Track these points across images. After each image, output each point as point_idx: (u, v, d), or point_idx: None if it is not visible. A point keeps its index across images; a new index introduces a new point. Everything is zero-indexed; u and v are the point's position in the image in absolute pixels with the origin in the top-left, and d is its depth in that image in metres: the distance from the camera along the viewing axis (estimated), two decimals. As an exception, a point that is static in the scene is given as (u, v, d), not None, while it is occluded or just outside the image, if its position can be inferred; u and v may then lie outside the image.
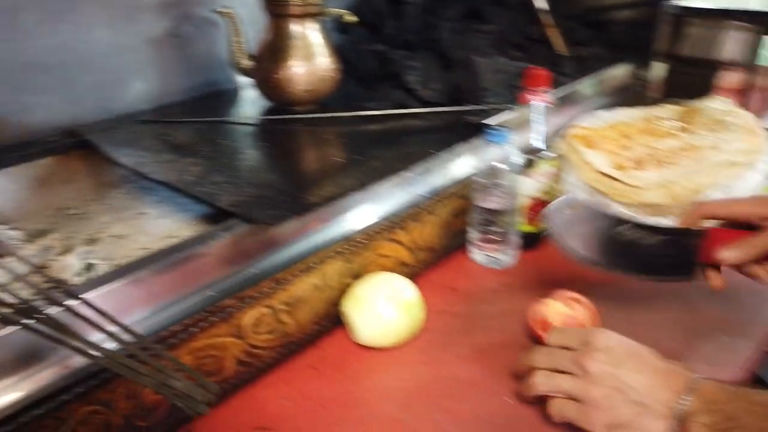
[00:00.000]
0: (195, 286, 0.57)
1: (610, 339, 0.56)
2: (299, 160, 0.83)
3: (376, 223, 0.72)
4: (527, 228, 0.87)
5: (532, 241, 0.89)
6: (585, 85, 1.09)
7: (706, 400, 0.48)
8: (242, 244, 0.60)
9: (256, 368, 0.64)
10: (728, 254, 0.59)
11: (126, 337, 0.47)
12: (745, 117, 0.89)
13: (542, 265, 0.86)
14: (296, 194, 0.69)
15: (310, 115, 0.94)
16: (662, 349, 0.66)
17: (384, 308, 0.67)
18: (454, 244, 0.86)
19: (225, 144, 0.85)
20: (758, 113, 1.29)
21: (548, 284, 0.81)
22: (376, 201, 0.74)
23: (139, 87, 0.98)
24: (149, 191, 0.80)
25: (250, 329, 0.61)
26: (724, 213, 0.62)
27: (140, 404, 0.53)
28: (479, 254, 0.86)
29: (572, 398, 0.54)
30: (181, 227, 0.70)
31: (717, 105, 0.93)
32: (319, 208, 0.67)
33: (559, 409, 0.55)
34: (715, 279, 0.63)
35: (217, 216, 0.65)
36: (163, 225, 0.72)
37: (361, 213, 0.72)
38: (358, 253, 0.71)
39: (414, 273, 0.81)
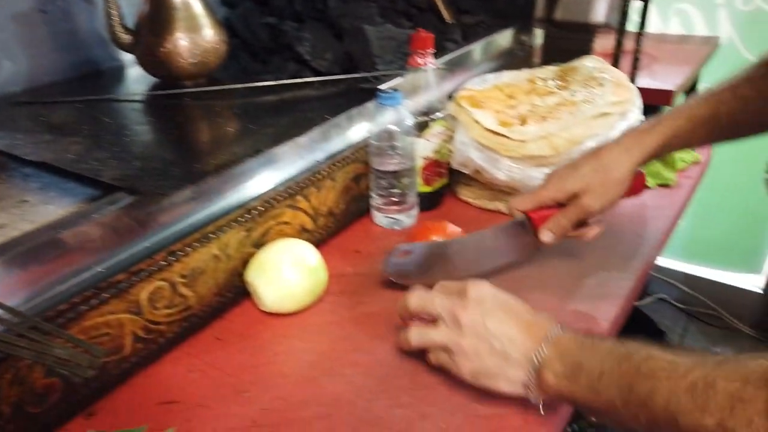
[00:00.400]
0: (80, 263, 0.55)
1: (482, 291, 0.58)
2: (190, 132, 0.81)
3: (273, 190, 0.71)
4: (425, 188, 0.90)
5: (430, 201, 0.92)
6: (472, 51, 1.13)
7: (559, 350, 0.51)
8: (130, 217, 0.58)
9: (159, 344, 0.63)
10: (546, 237, 0.71)
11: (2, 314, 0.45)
12: (615, 73, 0.96)
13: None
14: (187, 165, 0.67)
15: (200, 89, 0.92)
16: (549, 291, 0.72)
17: (288, 273, 0.67)
18: (356, 208, 0.88)
19: (109, 122, 0.81)
20: (628, 73, 1.39)
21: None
22: (272, 168, 0.73)
23: (8, 67, 0.91)
24: (29, 178, 0.74)
25: (148, 304, 0.60)
26: (533, 205, 0.71)
27: (30, 389, 0.51)
28: (381, 217, 0.88)
29: (445, 348, 0.57)
30: (68, 212, 0.67)
31: (590, 63, 0.99)
32: (212, 176, 0.65)
33: (435, 356, 0.58)
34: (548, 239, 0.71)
35: (104, 197, 0.63)
36: (46, 211, 0.67)
37: (258, 181, 0.71)
38: (258, 222, 0.70)
39: (317, 239, 0.81)
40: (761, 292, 2.05)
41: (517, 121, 0.88)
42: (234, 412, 0.57)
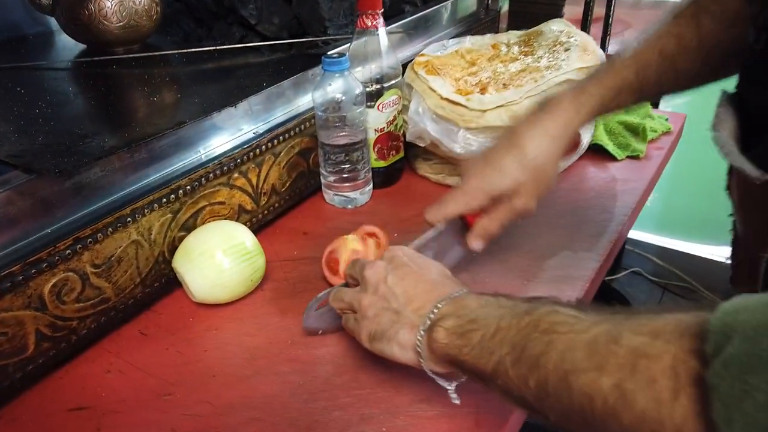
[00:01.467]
0: (-37, 253, 0.47)
1: (396, 250, 0.53)
2: (112, 103, 0.72)
3: (203, 167, 0.64)
4: (378, 163, 0.83)
5: (385, 176, 0.85)
6: (432, 15, 1.05)
7: (457, 306, 0.45)
8: (24, 199, 0.50)
9: (71, 342, 0.56)
10: (476, 245, 0.62)
11: None
12: (583, 37, 0.90)
13: (397, 200, 0.83)
14: (100, 139, 0.59)
15: (129, 56, 0.83)
16: (510, 275, 0.66)
17: (219, 260, 0.60)
18: (305, 186, 0.81)
19: (21, 91, 0.72)
20: (598, 40, 1.33)
21: (401, 220, 0.78)
22: (202, 141, 0.66)
23: None
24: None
25: (52, 299, 0.52)
26: (462, 211, 0.61)
27: None
28: (332, 195, 0.81)
29: (353, 309, 0.52)
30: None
31: (556, 27, 0.92)
32: (128, 152, 0.58)
33: (345, 320, 0.54)
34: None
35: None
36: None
37: (184, 156, 0.64)
38: (186, 202, 0.63)
39: (260, 220, 0.74)
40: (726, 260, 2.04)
41: (477, 90, 0.81)
42: (152, 419, 0.51)
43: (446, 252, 0.63)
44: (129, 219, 0.57)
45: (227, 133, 0.69)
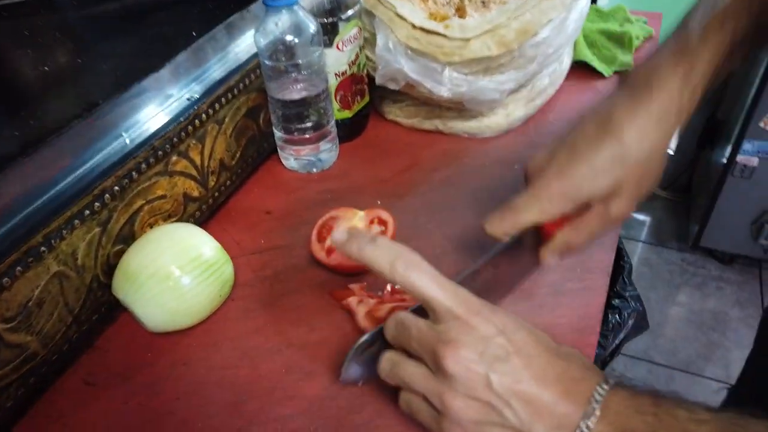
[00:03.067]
0: None
1: (481, 322, 0.36)
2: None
3: (131, 157, 0.48)
4: (343, 114, 0.69)
5: (351, 128, 0.72)
6: None
7: (618, 425, 0.33)
8: None
9: (-5, 419, 0.42)
10: (552, 261, 0.48)
11: None
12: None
13: (369, 155, 0.70)
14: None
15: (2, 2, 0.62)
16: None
17: (177, 281, 0.46)
18: (258, 152, 0.66)
19: None
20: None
21: (380, 181, 0.66)
22: (124, 123, 0.50)
23: None
24: None
25: (-45, 380, 0.38)
26: (536, 221, 0.46)
27: None
28: (292, 160, 0.67)
29: (425, 399, 0.37)
30: None
31: None
32: (25, 156, 0.42)
33: (408, 405, 0.39)
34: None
35: None
36: None
37: (105, 146, 0.48)
38: (118, 207, 0.48)
39: (211, 206, 0.60)
40: (671, 153, 2.05)
41: (453, 12, 0.67)
42: None
43: (515, 271, 0.50)
44: (43, 248, 0.42)
45: (154, 104, 0.52)
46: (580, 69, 0.82)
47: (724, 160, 1.54)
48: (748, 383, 0.75)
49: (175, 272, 0.46)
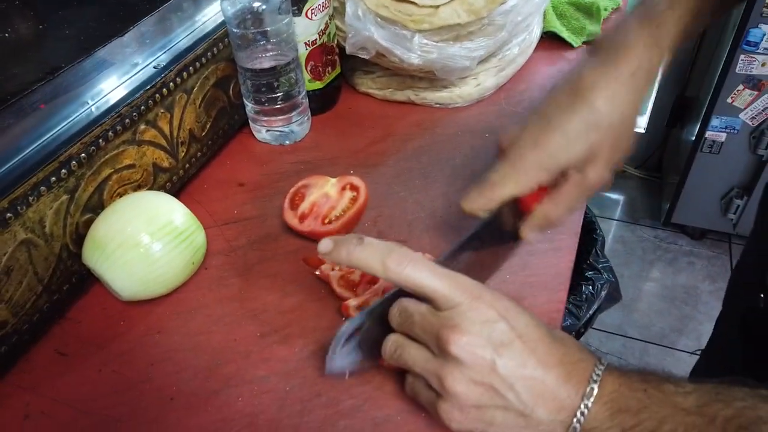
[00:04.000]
0: None
1: (485, 310, 0.36)
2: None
3: (97, 124, 0.48)
4: (314, 84, 0.69)
5: (323, 100, 0.71)
6: None
7: (611, 409, 0.34)
8: None
9: (-36, 391, 0.41)
10: (532, 236, 0.47)
11: None
12: None
13: (341, 127, 0.70)
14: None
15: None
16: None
17: (147, 248, 0.46)
18: (229, 124, 0.65)
19: None
20: None
21: (353, 152, 0.66)
22: (89, 90, 0.49)
23: None
24: None
25: None
26: (514, 194, 0.45)
27: None
28: (264, 132, 0.67)
29: (427, 385, 0.37)
30: None
31: None
32: (-15, 122, 0.41)
33: (411, 388, 0.39)
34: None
35: None
36: None
37: (71, 113, 0.47)
38: (86, 175, 0.47)
39: (182, 177, 0.59)
40: (643, 132, 2.08)
41: (422, -20, 0.67)
42: (102, 476, 0.39)
43: (496, 250, 0.49)
44: (9, 214, 0.41)
45: (119, 72, 0.52)
46: (550, 39, 0.82)
47: (693, 137, 1.57)
48: (717, 344, 0.77)
49: (145, 239, 0.46)
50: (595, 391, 0.34)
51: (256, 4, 0.57)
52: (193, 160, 0.60)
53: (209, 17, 0.61)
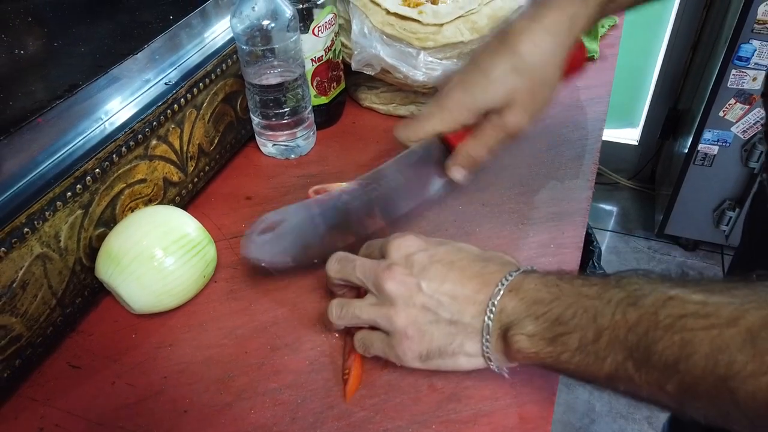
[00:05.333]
0: None
1: (407, 243, 0.43)
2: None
3: (111, 140, 0.49)
4: (319, 100, 0.70)
5: (328, 114, 0.72)
6: None
7: (523, 301, 0.38)
8: None
9: (-21, 403, 0.42)
10: (458, 175, 0.52)
11: None
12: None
13: (346, 141, 0.71)
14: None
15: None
16: (500, 220, 0.57)
17: (161, 262, 0.47)
18: (236, 139, 0.66)
19: None
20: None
21: (358, 165, 0.67)
22: (103, 107, 0.50)
23: None
24: None
25: (-60, 361, 0.38)
26: (440, 129, 0.50)
27: None
28: (270, 146, 0.68)
29: (377, 328, 0.42)
30: None
31: None
32: (5, 138, 0.41)
33: (362, 343, 0.44)
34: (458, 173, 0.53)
35: None
36: None
37: (85, 129, 0.48)
38: (99, 190, 0.48)
39: (191, 191, 0.60)
40: (637, 144, 2.11)
41: (426, -1, 0.68)
42: (119, 488, 0.39)
43: (423, 181, 0.53)
44: (26, 229, 0.42)
45: (132, 89, 0.53)
46: (549, 56, 0.84)
47: (686, 150, 1.59)
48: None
49: (159, 253, 0.47)
50: (501, 291, 0.39)
51: (265, 22, 0.58)
52: (202, 174, 0.61)
53: (218, 34, 0.62)
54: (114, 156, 0.49)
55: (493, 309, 0.38)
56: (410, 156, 0.51)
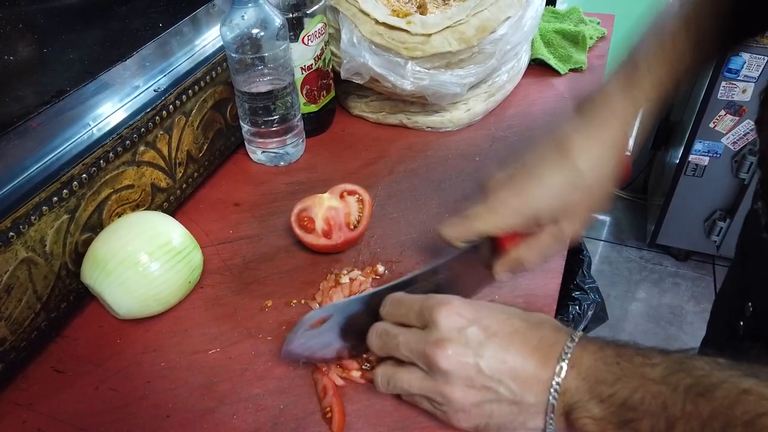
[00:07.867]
0: None
1: (455, 312, 0.40)
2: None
3: (99, 146, 0.49)
4: (309, 108, 0.71)
5: (317, 122, 0.73)
6: None
7: (587, 381, 0.36)
8: None
9: (-39, 408, 0.42)
10: (504, 275, 0.49)
11: None
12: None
13: (335, 149, 0.72)
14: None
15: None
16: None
17: (146, 267, 0.47)
18: (225, 145, 0.67)
19: None
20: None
21: (348, 173, 0.67)
22: (90, 112, 0.50)
23: None
24: None
25: None
26: (490, 232, 0.47)
27: None
28: (260, 153, 0.68)
29: (427, 398, 0.40)
30: None
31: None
32: (-9, 143, 0.42)
33: (386, 381, 0.42)
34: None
35: None
36: None
37: (73, 135, 0.49)
38: (86, 195, 0.48)
39: (179, 198, 0.60)
40: (628, 155, 2.12)
41: (416, 9, 0.69)
42: (99, 493, 0.39)
43: (464, 279, 0.50)
44: (11, 233, 0.42)
45: (121, 95, 0.53)
46: (538, 66, 0.85)
47: (677, 161, 1.60)
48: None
49: (144, 258, 0.47)
50: (564, 369, 0.37)
51: (255, 31, 0.59)
52: (190, 181, 0.62)
53: (208, 42, 0.63)
54: (101, 161, 0.49)
55: (558, 389, 0.37)
56: (458, 255, 0.49)
